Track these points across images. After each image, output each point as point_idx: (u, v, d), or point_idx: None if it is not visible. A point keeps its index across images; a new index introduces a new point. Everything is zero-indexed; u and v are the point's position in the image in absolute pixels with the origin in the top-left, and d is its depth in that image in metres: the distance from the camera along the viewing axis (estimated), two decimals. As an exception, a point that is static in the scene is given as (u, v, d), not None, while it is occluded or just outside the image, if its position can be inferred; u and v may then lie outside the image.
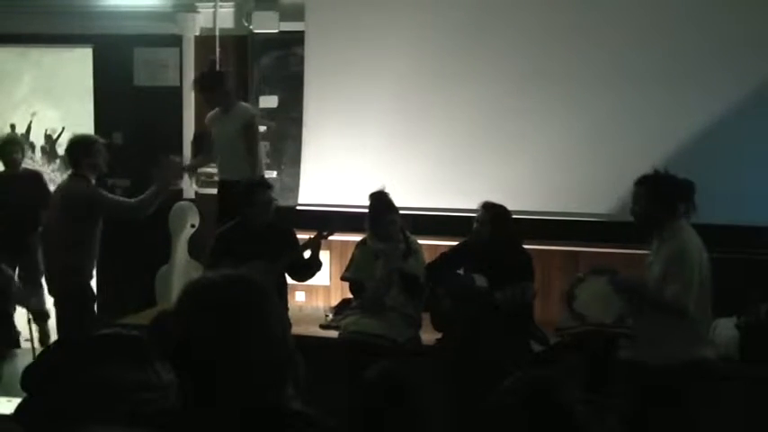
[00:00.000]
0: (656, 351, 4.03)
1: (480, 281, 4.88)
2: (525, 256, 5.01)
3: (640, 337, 4.17)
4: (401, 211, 5.17)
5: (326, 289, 6.30)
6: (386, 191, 5.15)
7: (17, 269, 6.10)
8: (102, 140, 5.37)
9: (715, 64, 5.79)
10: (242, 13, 6.68)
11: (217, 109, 5.97)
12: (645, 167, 5.72)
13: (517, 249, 5.01)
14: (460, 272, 4.99)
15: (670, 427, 4.04)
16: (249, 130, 5.87)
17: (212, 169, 6.41)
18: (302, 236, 5.28)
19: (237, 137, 5.84)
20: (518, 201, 5.15)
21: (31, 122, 9.43)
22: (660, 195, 4.12)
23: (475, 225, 5.03)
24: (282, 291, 5.19)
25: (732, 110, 5.75)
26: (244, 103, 6.09)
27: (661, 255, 4.08)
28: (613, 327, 4.38)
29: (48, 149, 9.47)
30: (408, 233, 5.19)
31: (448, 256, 5.19)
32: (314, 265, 5.22)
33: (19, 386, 1.90)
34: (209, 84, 5.96)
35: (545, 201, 5.96)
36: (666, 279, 4.01)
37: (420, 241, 5.26)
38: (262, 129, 6.44)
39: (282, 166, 6.64)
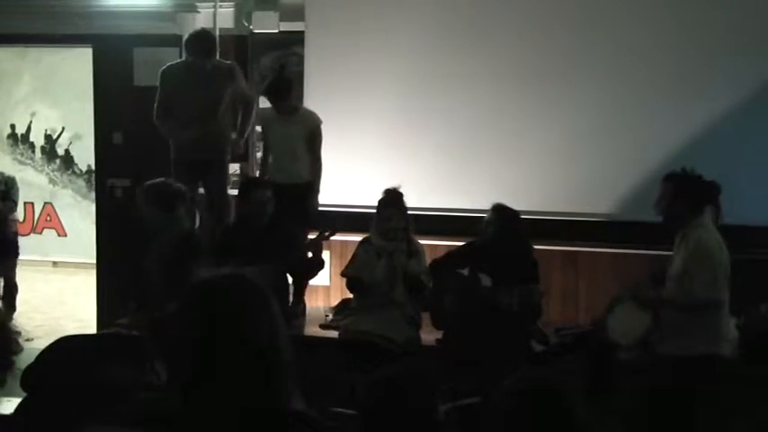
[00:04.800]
0: (672, 344, 4.05)
1: (485, 281, 4.88)
2: (532, 261, 5.00)
3: (659, 330, 4.18)
4: (401, 211, 5.17)
5: (326, 289, 6.30)
6: (399, 189, 5.14)
7: None
8: None
9: (715, 64, 5.78)
10: (242, 13, 6.67)
11: (272, 109, 5.81)
12: (644, 168, 5.77)
13: (524, 253, 5.00)
14: (465, 271, 4.99)
15: (670, 427, 4.05)
16: (317, 137, 5.75)
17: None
18: (302, 236, 5.28)
19: (301, 142, 5.74)
20: (518, 200, 5.14)
21: (30, 122, 9.43)
22: (685, 193, 4.14)
23: (483, 225, 5.02)
24: (283, 291, 5.18)
25: (732, 110, 5.75)
26: (307, 108, 5.95)
27: (682, 251, 4.10)
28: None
29: (47, 149, 9.46)
30: (411, 234, 5.19)
31: (454, 254, 5.19)
32: (315, 265, 5.21)
33: (19, 386, 1.90)
34: (284, 91, 5.74)
35: (545, 201, 5.95)
36: (690, 274, 4.03)
37: (420, 241, 5.26)
38: (258, 129, 6.44)
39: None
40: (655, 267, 4.70)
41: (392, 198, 5.13)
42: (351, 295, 5.40)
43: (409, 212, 5.21)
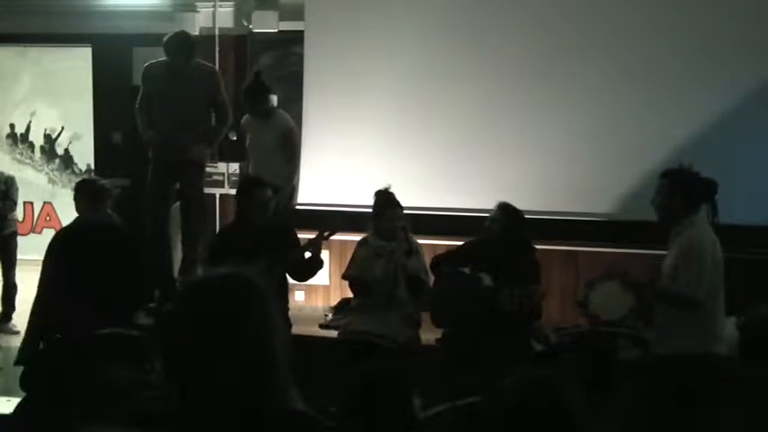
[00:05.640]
0: (668, 344, 4.05)
1: (486, 280, 4.87)
2: (533, 261, 5.00)
3: (655, 330, 4.19)
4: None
5: (326, 289, 6.30)
6: (391, 189, 5.15)
7: None
8: None
9: (715, 64, 5.79)
10: (241, 13, 6.68)
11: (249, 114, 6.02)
12: (645, 167, 5.77)
13: (526, 253, 5.00)
14: (467, 270, 4.98)
15: (671, 427, 4.05)
16: (288, 140, 5.96)
17: (211, 168, 6.40)
18: (302, 236, 5.27)
19: (276, 145, 5.91)
20: (518, 200, 5.14)
21: (30, 122, 9.43)
22: (681, 190, 4.14)
23: (487, 223, 5.01)
24: (283, 290, 5.18)
25: (732, 110, 5.76)
26: (282, 112, 6.10)
27: (674, 248, 4.11)
28: (615, 326, 4.40)
29: (47, 149, 9.46)
30: (409, 232, 5.19)
31: (456, 252, 5.18)
32: (315, 265, 5.20)
33: (18, 386, 1.90)
34: (257, 96, 5.93)
35: (545, 200, 5.95)
36: (677, 270, 4.03)
37: (420, 241, 5.26)
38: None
39: (282, 166, 6.63)
40: (655, 267, 4.70)
41: (390, 198, 5.13)
42: (351, 295, 5.40)
43: (409, 212, 5.21)
